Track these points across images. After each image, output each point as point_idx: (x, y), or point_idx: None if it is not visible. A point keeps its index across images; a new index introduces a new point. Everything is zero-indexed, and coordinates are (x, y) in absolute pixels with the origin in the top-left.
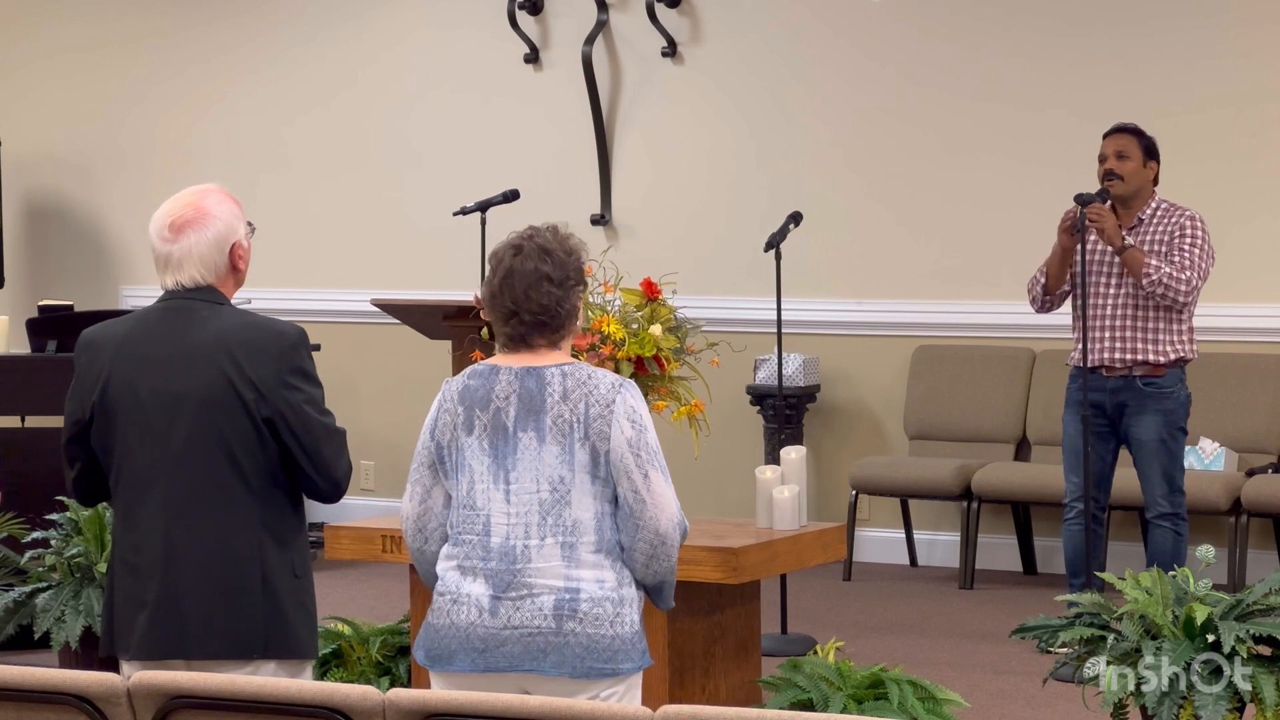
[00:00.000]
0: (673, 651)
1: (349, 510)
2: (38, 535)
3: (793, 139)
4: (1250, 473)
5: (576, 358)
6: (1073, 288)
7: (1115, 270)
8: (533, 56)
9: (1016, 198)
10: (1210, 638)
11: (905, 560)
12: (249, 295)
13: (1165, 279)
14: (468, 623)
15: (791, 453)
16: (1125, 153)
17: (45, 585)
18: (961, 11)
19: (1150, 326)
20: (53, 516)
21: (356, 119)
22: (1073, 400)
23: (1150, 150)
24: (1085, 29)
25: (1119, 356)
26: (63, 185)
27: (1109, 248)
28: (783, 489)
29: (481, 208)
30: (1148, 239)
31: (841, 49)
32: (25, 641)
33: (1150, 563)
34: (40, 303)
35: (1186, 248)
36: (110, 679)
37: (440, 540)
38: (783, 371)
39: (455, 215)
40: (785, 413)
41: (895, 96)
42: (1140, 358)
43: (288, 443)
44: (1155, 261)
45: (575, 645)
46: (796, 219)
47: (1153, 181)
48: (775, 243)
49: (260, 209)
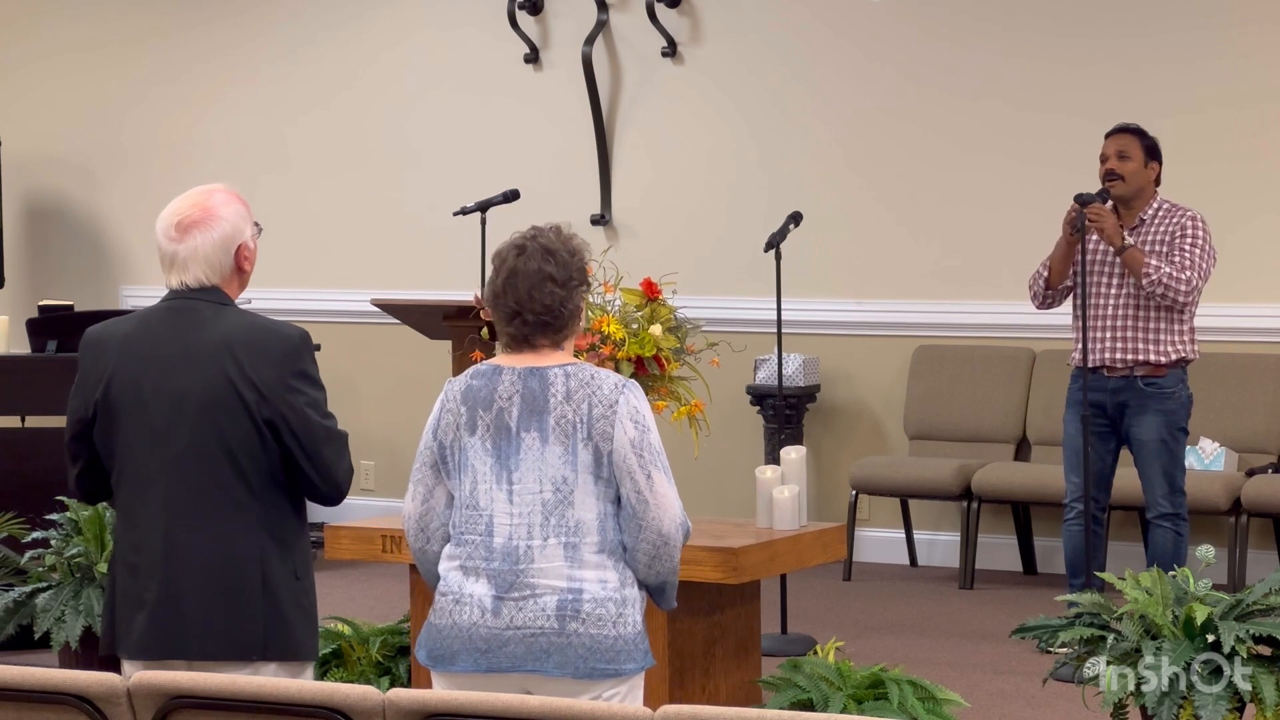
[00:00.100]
0: (673, 651)
1: (349, 510)
2: (38, 535)
3: (793, 139)
4: (1250, 473)
5: (577, 358)
6: (1074, 286)
7: (1116, 270)
8: (533, 56)
9: (1016, 198)
10: (1210, 638)
11: (905, 560)
12: (249, 295)
13: (1165, 279)
14: (470, 623)
15: (791, 453)
16: (1127, 153)
17: (45, 585)
18: (961, 11)
19: (1151, 327)
20: (53, 516)
21: (357, 119)
22: (1074, 400)
23: (1152, 150)
24: (1085, 29)
25: (1120, 357)
26: (63, 185)
27: (1110, 247)
28: (783, 489)
29: (482, 208)
30: (1149, 239)
31: (841, 49)
32: (25, 641)
33: (1150, 563)
34: (40, 303)
35: (1187, 248)
36: (110, 679)
37: (442, 540)
38: (783, 371)
39: (455, 215)
40: (785, 413)
41: (895, 96)
42: (1141, 358)
43: (289, 445)
44: (1155, 261)
45: (578, 646)
46: (796, 219)
47: (1155, 182)
48: (775, 243)
49: (261, 209)
